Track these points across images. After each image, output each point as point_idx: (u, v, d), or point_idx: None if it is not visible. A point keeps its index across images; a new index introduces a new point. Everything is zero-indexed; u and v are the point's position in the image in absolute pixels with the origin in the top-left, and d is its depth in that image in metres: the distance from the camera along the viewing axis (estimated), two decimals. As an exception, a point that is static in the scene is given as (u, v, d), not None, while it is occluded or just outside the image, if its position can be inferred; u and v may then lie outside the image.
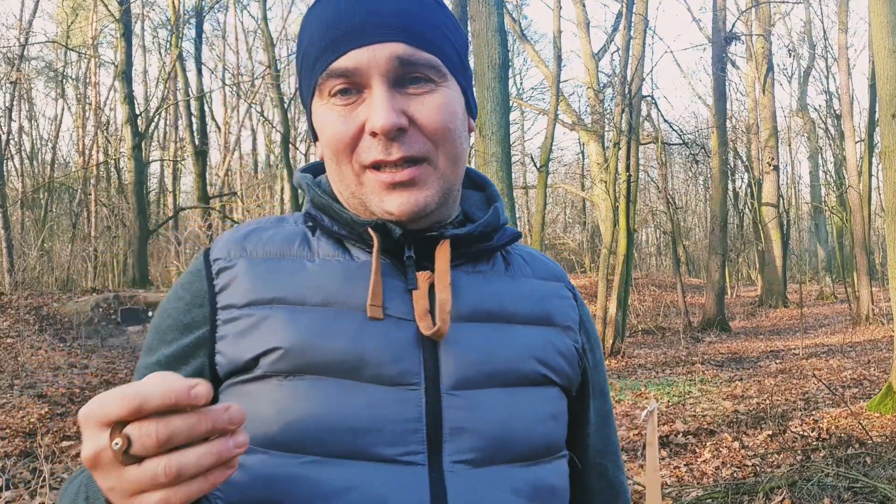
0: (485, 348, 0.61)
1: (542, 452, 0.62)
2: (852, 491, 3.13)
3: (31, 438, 4.44)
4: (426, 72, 0.59)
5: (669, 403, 5.68)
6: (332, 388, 0.56)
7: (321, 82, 0.60)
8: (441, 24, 0.61)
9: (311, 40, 0.61)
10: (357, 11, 0.58)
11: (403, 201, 0.59)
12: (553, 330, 0.66)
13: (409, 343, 0.59)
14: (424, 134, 0.59)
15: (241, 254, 0.62)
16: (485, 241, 0.64)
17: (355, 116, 0.59)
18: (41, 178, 18.65)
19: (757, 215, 16.78)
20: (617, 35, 13.80)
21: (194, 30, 17.05)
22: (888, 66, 4.86)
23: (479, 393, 0.59)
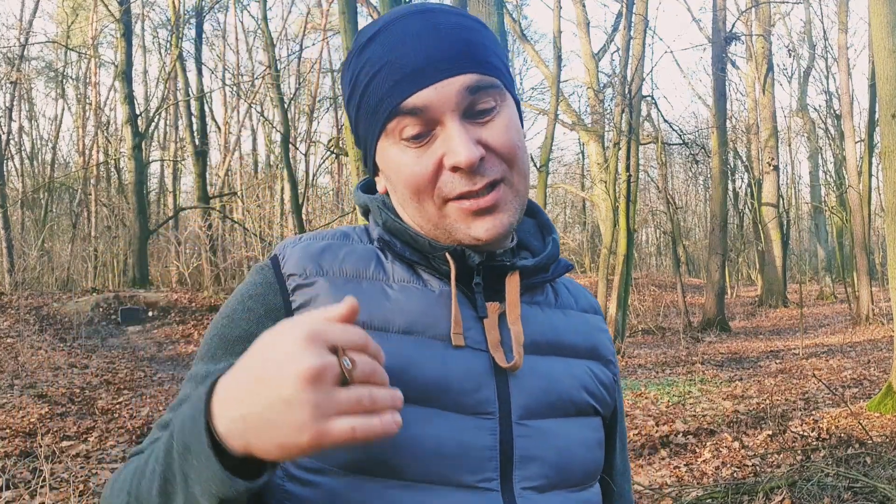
0: (547, 379, 0.63)
1: (592, 478, 0.66)
2: (852, 491, 3.13)
3: (31, 438, 4.45)
4: (491, 94, 0.60)
5: (669, 403, 5.68)
6: (416, 415, 0.57)
7: (389, 125, 0.60)
8: (490, 43, 0.63)
9: (370, 81, 0.60)
10: (419, 49, 0.59)
11: (490, 226, 0.60)
12: (597, 363, 0.69)
13: (486, 373, 0.61)
14: (499, 157, 0.61)
15: (319, 272, 0.62)
16: (543, 273, 0.67)
17: (431, 153, 0.60)
18: (41, 178, 18.65)
19: (757, 215, 16.78)
20: (617, 35, 13.80)
21: (194, 30, 17.05)
22: (888, 66, 4.86)
23: (543, 422, 0.62)
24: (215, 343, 0.62)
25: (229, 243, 17.49)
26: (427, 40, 0.59)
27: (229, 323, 0.62)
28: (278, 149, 17.85)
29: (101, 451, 4.30)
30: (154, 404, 5.84)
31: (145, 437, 0.64)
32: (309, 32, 19.14)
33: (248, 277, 0.65)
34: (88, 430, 4.80)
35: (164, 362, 8.71)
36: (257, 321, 0.61)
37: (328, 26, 18.07)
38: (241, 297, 0.63)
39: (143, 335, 10.35)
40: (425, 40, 0.59)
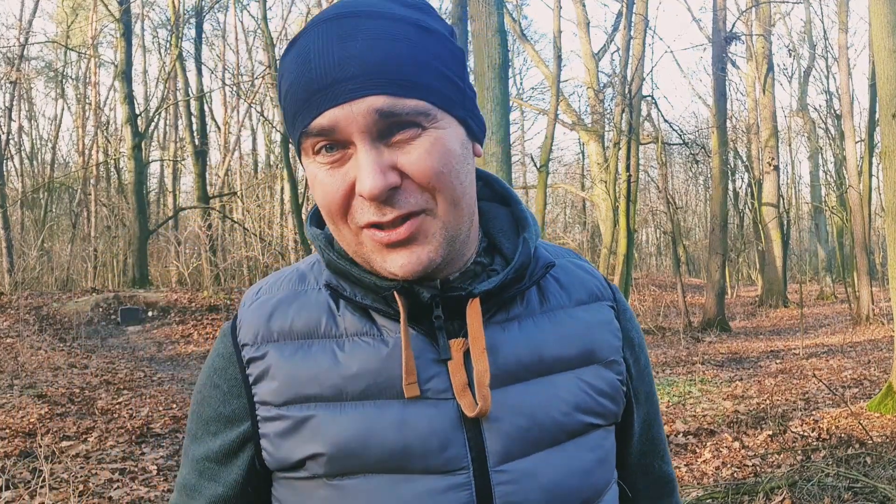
0: (526, 413, 0.59)
1: (594, 498, 0.62)
2: (852, 491, 3.13)
3: (31, 438, 4.44)
4: (410, 118, 0.54)
5: (669, 403, 5.68)
6: (381, 485, 0.56)
7: (303, 141, 0.56)
8: (429, 58, 0.55)
9: (288, 93, 0.57)
10: (328, 65, 0.53)
11: (405, 262, 0.55)
12: (594, 368, 0.63)
13: (452, 425, 0.57)
14: (419, 185, 0.55)
15: (269, 338, 0.60)
16: (517, 284, 0.60)
17: (344, 175, 0.55)
18: (41, 178, 18.65)
19: (757, 215, 16.79)
20: (617, 35, 13.80)
21: (194, 30, 17.05)
22: (888, 66, 4.86)
23: (526, 461, 0.58)
24: (195, 422, 0.65)
25: (229, 243, 17.49)
26: (335, 55, 0.53)
27: (202, 400, 0.65)
28: (278, 149, 17.85)
29: (100, 451, 4.30)
30: (154, 404, 5.83)
31: (145, 442, 0.70)
32: (309, 32, 19.12)
33: (215, 344, 0.66)
34: (88, 431, 4.80)
35: (164, 362, 8.71)
36: (224, 399, 0.62)
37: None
38: (209, 372, 0.65)
39: (143, 335, 10.35)
40: (333, 55, 0.53)
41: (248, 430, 0.61)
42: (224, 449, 0.62)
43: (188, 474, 0.66)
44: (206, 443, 0.63)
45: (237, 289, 13.16)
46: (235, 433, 0.62)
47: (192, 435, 0.66)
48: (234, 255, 16.12)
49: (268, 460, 0.61)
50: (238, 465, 0.62)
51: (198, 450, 0.64)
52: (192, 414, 0.66)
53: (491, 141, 7.27)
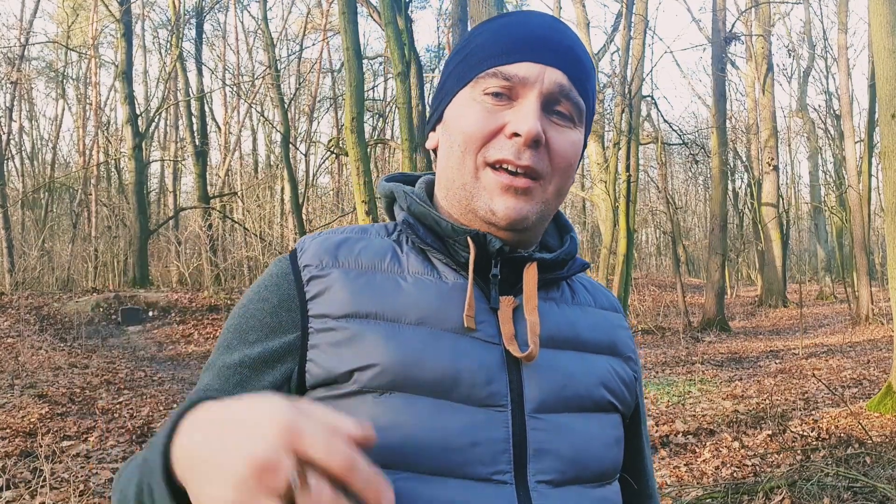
0: (564, 374, 0.63)
1: (610, 474, 0.65)
2: (852, 491, 3.14)
3: (32, 438, 4.45)
4: (571, 110, 0.63)
5: (669, 403, 5.69)
6: (426, 407, 0.57)
7: (481, 78, 0.63)
8: (592, 79, 0.66)
9: (485, 42, 0.64)
10: (538, 32, 0.63)
11: (511, 206, 0.61)
12: (617, 360, 0.69)
13: (498, 365, 0.60)
14: (551, 158, 0.62)
15: (334, 263, 0.63)
16: (559, 269, 0.67)
17: (500, 117, 0.62)
18: (42, 178, 18.65)
19: (757, 215, 16.79)
20: (617, 35, 13.81)
21: (194, 30, 17.06)
22: (888, 66, 4.87)
23: (559, 416, 0.61)
24: (230, 333, 0.63)
25: (229, 243, 17.50)
26: (546, 32, 0.63)
27: (244, 313, 0.63)
28: (278, 149, 17.86)
29: (101, 451, 4.30)
30: (154, 404, 5.84)
31: (145, 441, 0.63)
32: (309, 32, 19.14)
33: (268, 269, 0.66)
34: (89, 430, 4.80)
35: (165, 362, 8.72)
36: (272, 311, 0.62)
37: (328, 26, 18.07)
38: (258, 288, 0.64)
39: (144, 335, 10.35)
40: (545, 31, 0.64)
41: (294, 341, 0.60)
42: (263, 356, 0.60)
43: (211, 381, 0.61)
44: (242, 350, 0.61)
45: (237, 289, 13.17)
46: (279, 342, 0.60)
47: (223, 346, 0.63)
48: (234, 255, 16.13)
49: (311, 372, 0.59)
50: (271, 375, 0.60)
51: (229, 357, 0.61)
52: (227, 328, 0.64)
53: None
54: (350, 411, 0.57)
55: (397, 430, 0.56)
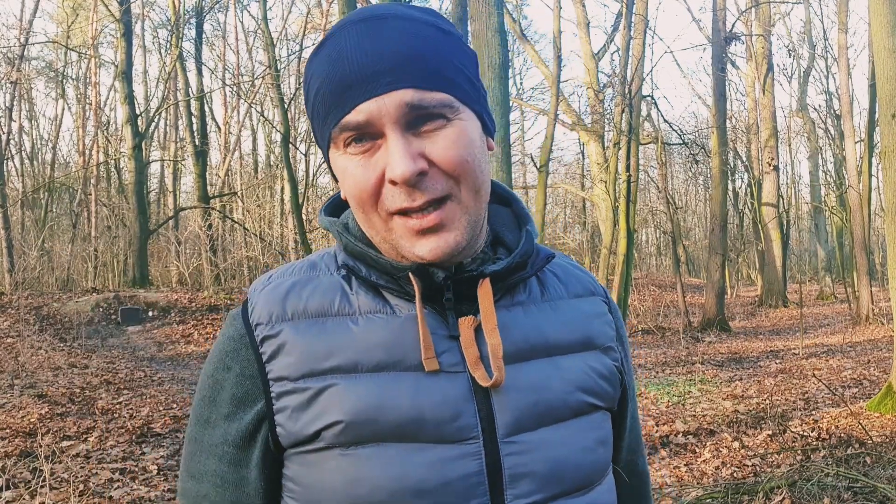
0: (534, 389, 0.61)
1: (595, 478, 0.64)
2: (852, 491, 3.13)
3: (32, 438, 4.44)
4: (438, 110, 0.58)
5: (669, 403, 5.68)
6: (395, 453, 0.58)
7: (335, 135, 0.59)
8: (450, 55, 0.60)
9: (320, 91, 0.60)
10: (361, 60, 0.57)
11: (433, 246, 0.58)
12: (594, 353, 0.66)
13: (465, 396, 0.59)
14: (444, 172, 0.58)
15: (284, 317, 0.62)
16: (520, 271, 0.64)
17: (374, 164, 0.58)
18: (41, 178, 18.65)
19: (757, 215, 16.78)
20: (617, 35, 13.80)
21: (194, 30, 17.06)
22: (888, 65, 4.86)
23: (533, 434, 0.60)
24: (205, 405, 0.65)
25: (229, 243, 17.50)
26: (368, 51, 0.57)
27: (213, 384, 0.65)
28: (278, 149, 17.85)
29: (101, 451, 4.30)
30: (154, 404, 5.84)
31: (145, 441, 0.69)
32: (309, 32, 19.13)
33: (224, 329, 0.66)
34: (88, 430, 4.80)
35: (164, 362, 8.72)
36: (236, 381, 0.63)
37: (328, 26, 18.06)
38: (220, 355, 0.65)
39: (143, 335, 10.35)
40: (366, 51, 0.57)
41: (262, 410, 0.62)
42: (242, 432, 0.63)
43: (207, 461, 0.64)
44: (222, 427, 0.63)
45: (237, 289, 13.17)
46: (251, 414, 0.62)
47: (203, 421, 0.65)
48: (234, 255, 16.13)
49: (282, 436, 0.61)
50: (257, 447, 0.63)
51: (214, 435, 0.64)
52: (201, 400, 0.65)
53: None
54: (322, 466, 0.59)
55: (367, 482, 0.57)
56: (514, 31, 15.72)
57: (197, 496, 0.65)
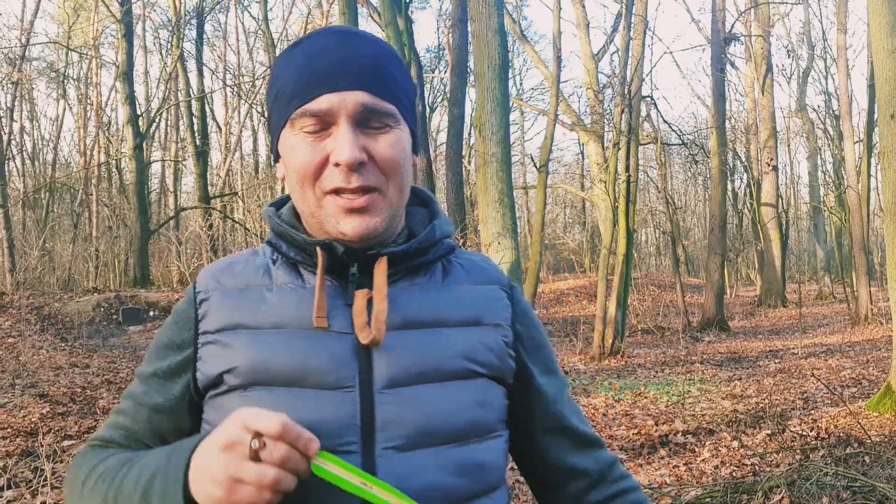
0: (415, 351, 0.70)
1: (470, 434, 0.70)
2: (851, 490, 3.14)
3: (33, 438, 4.46)
4: (383, 118, 0.69)
5: (669, 403, 5.70)
6: (281, 395, 0.68)
7: (294, 117, 0.69)
8: (398, 76, 0.72)
9: (287, 79, 0.70)
10: (331, 60, 0.68)
11: (357, 224, 0.69)
12: (481, 329, 0.74)
13: (348, 353, 0.69)
14: (379, 168, 0.69)
15: (216, 287, 0.75)
16: (421, 256, 0.74)
17: (322, 148, 0.69)
18: (42, 178, 18.66)
19: (756, 215, 16.79)
20: (616, 36, 13.81)
21: (195, 30, 17.07)
22: (887, 66, 4.88)
23: (409, 390, 0.68)
24: (152, 348, 0.78)
25: (230, 243, 17.50)
26: (340, 55, 0.69)
27: (161, 334, 0.78)
28: (278, 149, 17.81)
29: (102, 450, 4.32)
30: (155, 404, 5.85)
31: None
32: (309, 33, 19.11)
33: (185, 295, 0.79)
34: (90, 430, 4.81)
35: (165, 362, 8.72)
36: (177, 331, 0.75)
37: (328, 27, 18.05)
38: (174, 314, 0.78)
39: (145, 335, 10.37)
40: (339, 54, 0.69)
41: (190, 355, 0.74)
42: (170, 368, 0.74)
43: (136, 387, 0.78)
44: (156, 363, 0.76)
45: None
46: (181, 357, 0.74)
47: (146, 360, 0.78)
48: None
49: (200, 380, 0.72)
50: (179, 384, 0.74)
51: (147, 369, 0.76)
52: (152, 345, 0.78)
53: (491, 141, 7.29)
54: (225, 407, 0.69)
55: None
56: (514, 32, 15.74)
57: (118, 410, 0.79)
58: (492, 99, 7.34)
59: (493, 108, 7.36)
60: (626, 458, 4.09)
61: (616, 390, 6.35)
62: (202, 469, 0.60)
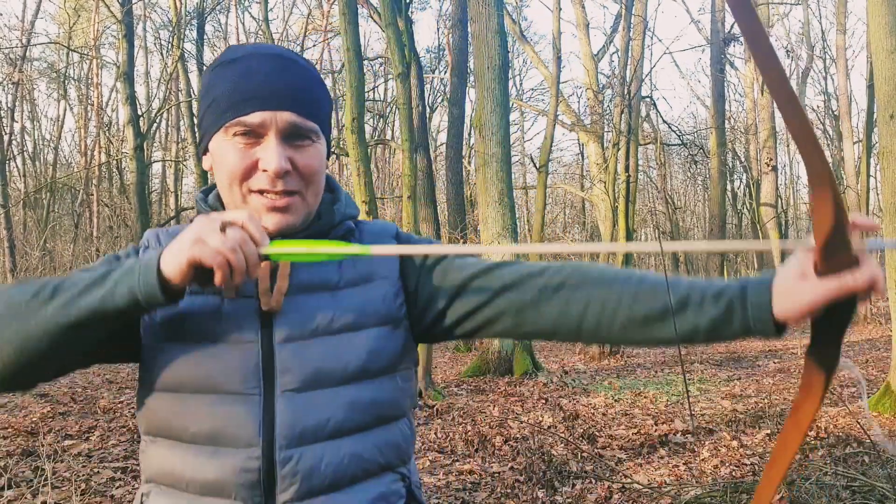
0: (309, 312, 0.82)
1: (360, 376, 0.82)
2: (850, 490, 3.15)
3: (33, 437, 4.46)
4: (307, 134, 0.82)
5: (668, 403, 5.71)
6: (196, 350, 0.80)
7: (229, 126, 0.81)
8: (320, 97, 0.86)
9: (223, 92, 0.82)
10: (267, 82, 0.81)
11: (277, 221, 0.82)
12: (372, 284, 0.86)
13: (250, 314, 0.81)
14: (301, 175, 0.82)
15: (157, 243, 0.89)
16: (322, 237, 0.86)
17: (252, 154, 0.81)
18: (43, 178, 18.67)
19: (755, 215, 16.80)
20: (616, 36, 13.82)
21: (196, 31, 17.09)
22: (886, 66, 4.88)
23: (304, 343, 0.81)
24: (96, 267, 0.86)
25: (230, 244, 17.46)
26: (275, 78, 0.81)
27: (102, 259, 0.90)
28: (279, 149, 17.79)
29: (102, 450, 4.32)
30: (155, 404, 5.85)
31: None
32: (310, 33, 19.17)
33: None
34: (90, 430, 4.82)
35: (165, 362, 8.72)
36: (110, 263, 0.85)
37: (329, 27, 18.11)
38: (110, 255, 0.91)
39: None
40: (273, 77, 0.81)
41: None
42: None
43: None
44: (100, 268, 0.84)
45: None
46: None
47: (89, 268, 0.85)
48: (234, 255, 16.10)
49: None
50: None
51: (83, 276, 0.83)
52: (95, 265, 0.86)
53: (491, 141, 7.29)
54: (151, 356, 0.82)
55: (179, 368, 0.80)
56: (514, 33, 15.74)
57: None
58: (492, 99, 7.34)
59: (493, 108, 7.36)
60: (625, 457, 4.10)
61: (616, 390, 6.36)
62: (173, 247, 0.73)
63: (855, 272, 0.66)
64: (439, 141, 21.43)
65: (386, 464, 0.83)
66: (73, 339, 0.75)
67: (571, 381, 6.82)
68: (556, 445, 4.20)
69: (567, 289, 0.81)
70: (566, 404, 5.61)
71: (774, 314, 0.72)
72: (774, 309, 0.72)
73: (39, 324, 0.73)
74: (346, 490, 0.79)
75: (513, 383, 6.68)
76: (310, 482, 0.77)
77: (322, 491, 0.78)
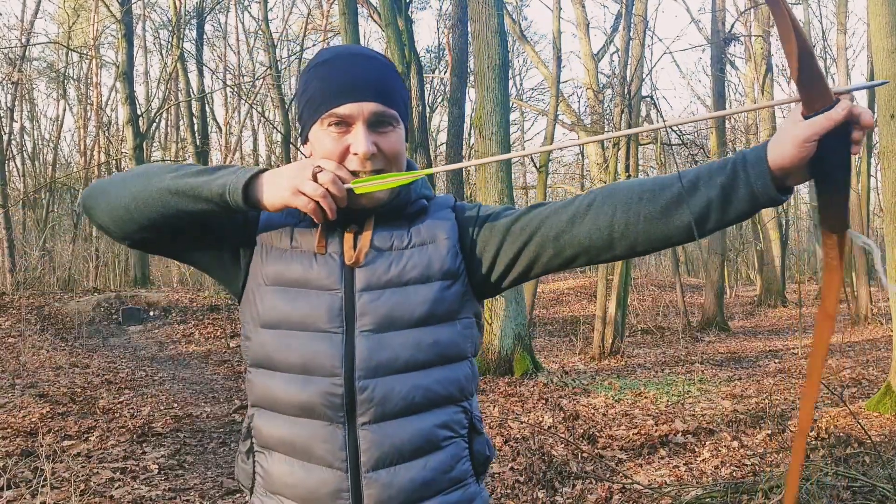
0: (383, 267, 0.98)
1: (425, 321, 0.97)
2: (851, 490, 3.14)
3: (33, 438, 4.46)
4: (389, 120, 0.98)
5: (669, 403, 5.70)
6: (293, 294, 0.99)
7: (324, 117, 0.97)
8: (399, 88, 1.01)
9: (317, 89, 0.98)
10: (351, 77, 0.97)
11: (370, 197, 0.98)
12: (434, 245, 1.01)
13: (336, 267, 0.99)
14: (385, 157, 0.98)
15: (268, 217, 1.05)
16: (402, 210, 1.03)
17: (344, 141, 0.97)
18: (43, 178, 18.67)
19: (756, 215, 16.78)
20: (616, 36, 13.81)
21: (195, 30, 17.07)
22: (886, 66, 4.88)
23: (378, 292, 0.97)
24: None
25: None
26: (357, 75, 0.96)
27: None
28: (279, 149, 17.86)
29: (102, 450, 4.31)
30: (155, 404, 5.86)
31: (146, 441, 0.85)
32: (309, 33, 19.16)
33: None
34: (89, 430, 4.82)
35: (165, 362, 8.73)
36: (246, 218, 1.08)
37: (329, 27, 18.09)
38: None
39: (144, 335, 10.37)
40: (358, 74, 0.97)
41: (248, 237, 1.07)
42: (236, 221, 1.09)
43: None
44: None
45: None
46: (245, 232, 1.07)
47: None
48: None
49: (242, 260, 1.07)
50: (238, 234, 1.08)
51: None
52: None
53: (491, 141, 7.28)
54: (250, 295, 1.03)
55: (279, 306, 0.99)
56: (514, 32, 15.73)
57: None
58: (492, 99, 7.34)
59: (493, 108, 7.36)
60: (626, 458, 4.09)
61: (616, 390, 6.35)
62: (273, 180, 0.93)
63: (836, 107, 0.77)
64: (439, 141, 21.42)
65: (449, 396, 0.98)
66: (174, 207, 0.94)
67: (571, 381, 6.82)
68: (557, 446, 4.20)
69: (595, 205, 0.94)
70: (566, 404, 5.60)
71: (769, 162, 0.82)
72: (770, 156, 0.82)
73: (156, 185, 0.94)
74: (414, 416, 0.95)
75: (513, 383, 6.67)
76: (383, 407, 0.94)
77: (395, 415, 0.95)
